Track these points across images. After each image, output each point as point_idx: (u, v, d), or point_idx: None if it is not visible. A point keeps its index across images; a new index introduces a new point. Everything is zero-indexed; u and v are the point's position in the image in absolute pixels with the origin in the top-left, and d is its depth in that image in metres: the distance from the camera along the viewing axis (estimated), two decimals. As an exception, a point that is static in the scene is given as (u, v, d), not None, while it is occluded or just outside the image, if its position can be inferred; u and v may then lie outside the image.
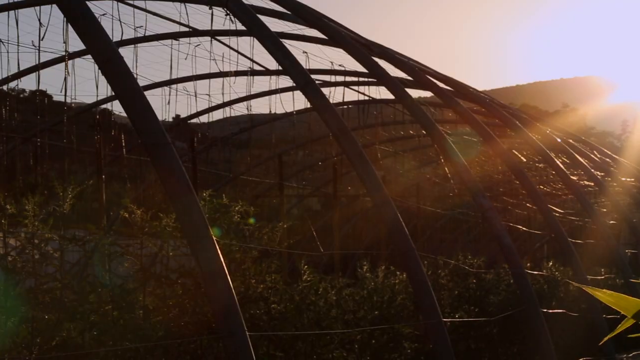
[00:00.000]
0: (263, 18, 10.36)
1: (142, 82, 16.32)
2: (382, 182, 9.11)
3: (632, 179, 24.33)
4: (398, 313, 12.56)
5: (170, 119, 22.50)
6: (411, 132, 24.59)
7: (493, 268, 17.01)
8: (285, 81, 17.39)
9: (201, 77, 17.58)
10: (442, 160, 16.14)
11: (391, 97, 14.93)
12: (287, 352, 10.49)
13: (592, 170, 19.29)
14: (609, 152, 26.46)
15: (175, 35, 15.48)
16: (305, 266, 11.27)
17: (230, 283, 6.29)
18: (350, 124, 17.51)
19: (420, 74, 14.18)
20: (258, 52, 16.49)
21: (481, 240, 34.20)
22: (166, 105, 17.17)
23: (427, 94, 16.90)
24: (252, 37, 12.76)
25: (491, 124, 19.35)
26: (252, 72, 16.54)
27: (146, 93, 6.80)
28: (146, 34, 14.77)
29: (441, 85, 15.03)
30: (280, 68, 9.90)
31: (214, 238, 6.34)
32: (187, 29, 15.12)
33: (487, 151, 24.54)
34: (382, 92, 18.88)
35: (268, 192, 26.76)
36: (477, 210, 20.36)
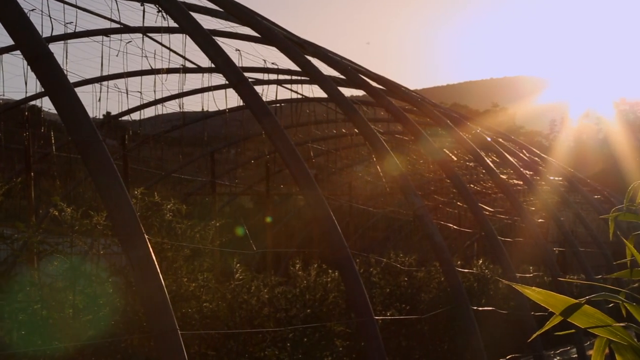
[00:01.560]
0: (196, 15, 10.31)
1: (72, 79, 16.10)
2: (315, 180, 9.13)
3: (560, 178, 24.72)
4: (330, 311, 12.61)
5: (101, 116, 22.25)
6: (344, 130, 24.68)
7: (424, 266, 17.14)
8: (218, 79, 17.33)
9: (133, 74, 17.43)
10: (375, 159, 16.23)
11: (324, 95, 14.96)
12: (219, 350, 10.48)
13: (521, 169, 19.54)
14: (538, 152, 26.83)
15: (106, 32, 15.33)
16: (238, 264, 11.26)
17: (162, 281, 6.25)
18: (283, 122, 17.54)
19: (353, 72, 14.23)
20: (190, 49, 16.42)
21: (413, 238, 34.48)
22: (97, 103, 16.96)
23: (360, 92, 16.96)
24: (184, 35, 12.67)
25: (422, 123, 19.51)
26: (185, 70, 16.43)
27: (77, 90, 6.71)
28: (77, 30, 14.57)
29: (373, 84, 15.10)
30: (212, 66, 9.84)
31: (146, 236, 6.30)
32: (118, 26, 14.99)
33: (419, 150, 24.75)
34: (315, 91, 18.94)
35: (200, 190, 26.65)
36: (408, 208, 20.53)
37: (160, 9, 10.77)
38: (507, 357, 15.97)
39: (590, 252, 22.88)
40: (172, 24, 10.81)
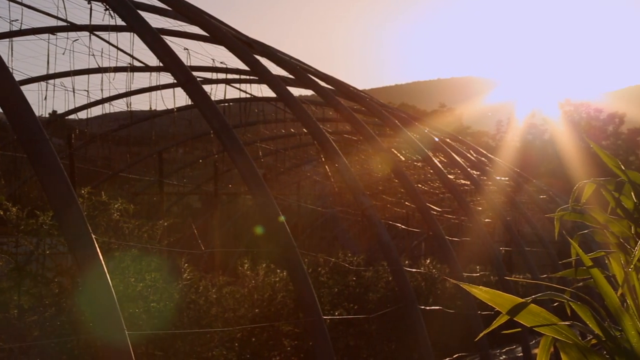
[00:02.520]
0: (144, 14, 10.24)
1: (17, 77, 15.88)
2: (264, 180, 9.12)
3: (507, 178, 24.93)
4: (278, 311, 12.61)
5: (47, 115, 21.99)
6: (292, 130, 24.66)
7: (372, 265, 17.21)
8: (166, 78, 17.21)
9: (80, 73, 17.25)
10: (323, 159, 16.25)
11: (273, 95, 14.95)
12: (167, 351, 10.42)
13: (469, 169, 19.69)
14: (485, 152, 27.06)
15: (52, 30, 15.15)
16: (186, 264, 11.21)
17: (109, 281, 6.20)
18: (231, 122, 17.46)
19: (301, 72, 14.23)
20: (138, 48, 16.29)
21: (361, 237, 34.60)
22: (43, 101, 16.75)
23: (309, 92, 16.99)
24: (132, 33, 12.58)
25: (371, 123, 19.57)
26: (132, 69, 16.30)
27: (22, 88, 6.63)
28: (22, 28, 14.40)
29: (322, 83, 15.11)
30: (161, 64, 9.79)
31: (93, 236, 6.25)
32: (65, 24, 14.82)
33: (367, 150, 24.82)
34: (263, 90, 18.90)
35: (148, 190, 26.47)
36: (357, 208, 20.58)
37: (107, 7, 10.68)
38: (454, 356, 16.09)
39: (536, 252, 23.11)
40: (120, 22, 10.74)
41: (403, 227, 27.29)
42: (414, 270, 17.22)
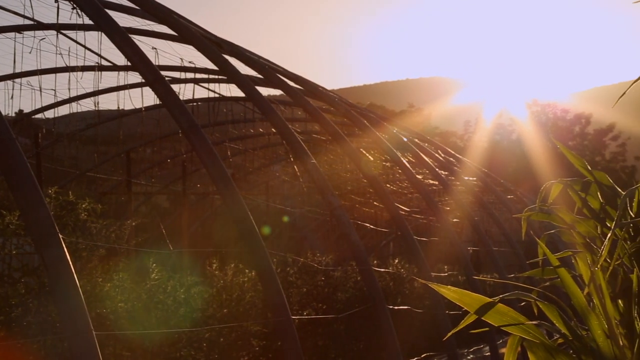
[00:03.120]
0: (112, 13, 10.19)
1: (-16, 76, 15.80)
2: (232, 179, 9.10)
3: (474, 178, 25.04)
4: (247, 311, 12.60)
5: (14, 114, 21.82)
6: (261, 130, 24.65)
7: (341, 265, 17.23)
8: (134, 77, 17.13)
9: (46, 72, 17.13)
10: (292, 159, 16.24)
11: (242, 95, 14.92)
12: (135, 351, 10.38)
13: (437, 169, 19.75)
14: (453, 152, 27.15)
15: (19, 29, 15.03)
16: (154, 264, 11.17)
17: (77, 282, 6.17)
18: (200, 121, 17.40)
19: (270, 72, 14.22)
20: (106, 47, 16.18)
21: (330, 237, 34.60)
22: (9, 100, 16.65)
23: (277, 92, 16.95)
24: (100, 32, 12.51)
25: (340, 123, 19.58)
26: (100, 68, 16.20)
27: (-11, 87, 6.59)
28: (-12, 27, 14.31)
29: (291, 83, 15.11)
30: (129, 64, 9.74)
31: (60, 236, 6.21)
32: (32, 22, 14.71)
33: (336, 150, 24.84)
34: (232, 90, 18.87)
35: (116, 190, 26.33)
36: (326, 208, 20.60)
37: (75, 6, 10.62)
38: (422, 356, 16.14)
39: (503, 252, 23.26)
40: (88, 21, 10.67)
41: (372, 227, 27.38)
42: (382, 270, 17.26)
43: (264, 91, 15.37)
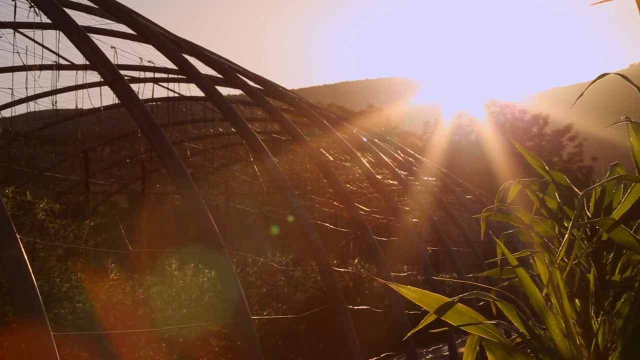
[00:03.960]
0: (70, 11, 10.11)
1: (-61, 74, 15.61)
2: (192, 179, 9.07)
3: (434, 179, 25.15)
4: (206, 311, 12.56)
5: (-30, 113, 21.58)
6: (221, 129, 24.60)
7: (301, 265, 17.24)
8: (93, 76, 17.01)
9: (3, 71, 17.00)
10: (252, 159, 16.21)
11: (201, 94, 14.90)
12: (93, 352, 10.31)
13: (396, 169, 19.80)
14: (412, 152, 27.25)
15: (-25, 27, 14.90)
16: (113, 264, 11.11)
17: (34, 282, 6.12)
18: (159, 121, 17.33)
19: (230, 72, 14.19)
20: (64, 46, 16.08)
21: (290, 237, 34.60)
22: (-35, 99, 16.50)
23: (237, 92, 16.92)
24: (58, 31, 12.42)
25: (300, 123, 19.59)
26: (58, 67, 16.08)
27: (-55, 85, 6.50)
28: (-56, 24, 14.13)
29: (251, 83, 15.08)
30: (87, 63, 9.68)
31: (17, 236, 6.15)
32: (-12, 20, 14.58)
33: (296, 150, 24.84)
34: (192, 90, 18.81)
35: (74, 189, 26.15)
36: (286, 208, 20.60)
37: (32, 4, 10.53)
38: (382, 355, 16.19)
39: (462, 252, 23.38)
40: (46, 19, 10.59)
41: (331, 226, 27.40)
42: (342, 270, 17.28)
43: (224, 91, 15.36)
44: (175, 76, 17.95)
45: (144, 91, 21.85)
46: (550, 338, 4.05)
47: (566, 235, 3.60)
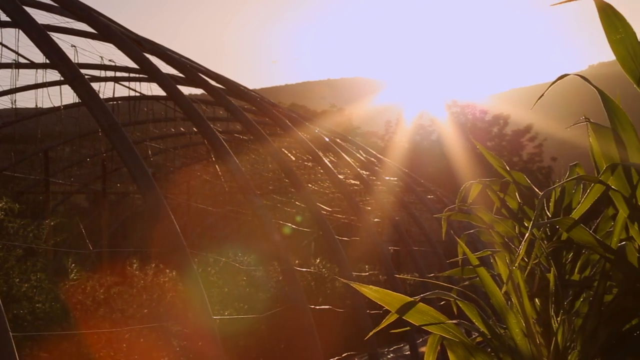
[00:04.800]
0: (29, 10, 10.02)
1: None
2: (153, 179, 9.03)
3: (395, 178, 25.21)
4: (167, 311, 12.51)
5: None
6: (182, 129, 24.50)
7: (263, 265, 17.21)
8: (53, 75, 16.91)
9: (-38, 69, 16.83)
10: (214, 158, 16.17)
11: (163, 93, 14.82)
12: (52, 352, 10.23)
13: (358, 169, 19.83)
14: (374, 152, 27.30)
15: None
16: (73, 264, 11.04)
17: (-7, 283, 6.07)
18: (121, 120, 17.26)
19: (192, 71, 14.14)
20: (24, 44, 15.92)
21: (252, 237, 34.54)
22: None
23: (199, 91, 16.86)
24: (17, 29, 12.33)
25: (262, 123, 19.56)
26: (17, 65, 15.95)
27: None
28: None
29: (213, 83, 15.04)
30: (47, 61, 9.60)
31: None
32: (-54, 18, 14.42)
33: (258, 149, 24.81)
34: (153, 89, 18.72)
35: (33, 189, 25.92)
36: (248, 207, 20.56)
37: (-9, 1, 10.42)
38: (343, 355, 16.21)
39: (423, 251, 23.47)
40: (4, 17, 10.50)
41: (293, 226, 27.38)
42: (304, 269, 17.29)
43: (186, 90, 15.28)
44: (137, 75, 17.87)
45: (104, 90, 21.69)
46: (511, 337, 4.08)
47: (526, 235, 3.62)
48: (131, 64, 13.67)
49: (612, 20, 3.62)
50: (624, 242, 3.69)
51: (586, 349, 3.93)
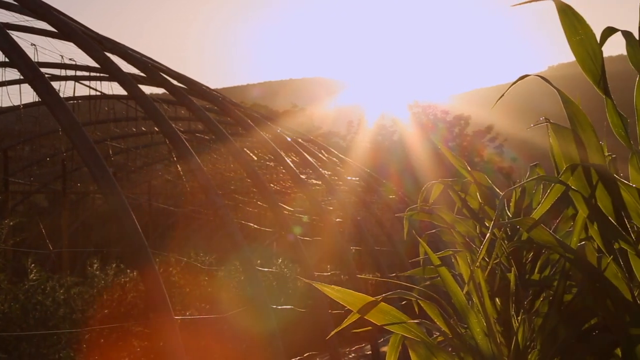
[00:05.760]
0: (-11, 7, 9.94)
1: None
2: (114, 178, 8.97)
3: (357, 178, 25.24)
4: (128, 311, 12.45)
5: None
6: (144, 128, 24.36)
7: (225, 265, 17.18)
8: (12, 74, 16.72)
9: None
10: (175, 158, 16.10)
11: (124, 93, 14.74)
12: (11, 353, 10.15)
13: (320, 169, 19.85)
14: (336, 152, 27.31)
15: None
16: (32, 265, 10.95)
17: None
18: (81, 119, 17.11)
19: (153, 70, 14.07)
20: (-18, 42, 15.71)
21: (214, 237, 34.45)
22: None
23: (161, 90, 16.77)
24: (-24, 27, 12.18)
25: (224, 122, 19.52)
26: (-24, 63, 15.78)
27: None
28: None
29: (174, 82, 14.98)
30: (6, 60, 9.51)
31: None
32: None
33: (220, 149, 24.73)
34: (114, 88, 18.60)
35: (-8, 189, 25.67)
36: (210, 207, 20.50)
37: (-51, -1, 10.32)
38: (305, 355, 16.22)
39: (385, 251, 23.51)
40: (-37, 15, 10.40)
41: (255, 226, 27.33)
42: (266, 269, 17.27)
43: (147, 90, 15.19)
44: (98, 74, 17.75)
45: (65, 89, 21.51)
46: (472, 336, 4.10)
47: (487, 235, 3.64)
48: (92, 63, 13.57)
49: (571, 22, 3.65)
50: (583, 242, 3.73)
51: (546, 348, 3.96)
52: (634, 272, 3.71)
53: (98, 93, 19.06)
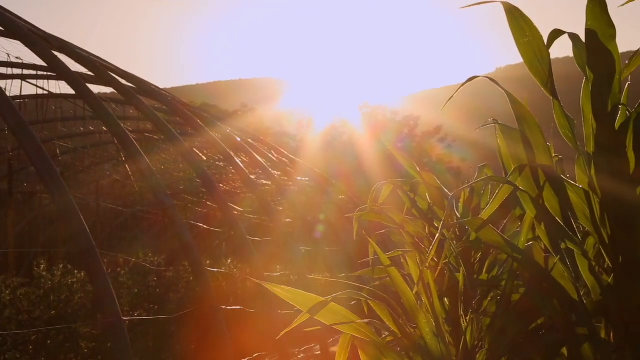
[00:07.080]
0: None
1: None
2: (62, 178, 8.87)
3: (307, 179, 25.24)
4: (76, 312, 12.33)
5: None
6: (91, 128, 24.15)
7: (173, 265, 17.09)
8: (-43, 72, 16.52)
9: None
10: (124, 158, 15.98)
11: (72, 92, 14.59)
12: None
13: (270, 169, 19.81)
14: (286, 152, 27.27)
15: None
16: (-22, 266, 10.80)
17: None
18: (28, 119, 16.89)
19: (102, 69, 13.95)
20: None
21: (162, 237, 34.27)
22: None
23: (109, 90, 16.63)
24: None
25: (173, 122, 19.42)
26: None
27: None
28: None
29: (123, 81, 14.86)
30: (-48, 58, 9.38)
31: None
32: None
33: (169, 149, 24.59)
34: (62, 87, 18.41)
35: (-64, 188, 25.31)
36: (158, 208, 20.38)
37: None
38: (254, 355, 16.18)
39: (335, 251, 23.54)
40: None
41: (205, 226, 27.22)
42: (215, 270, 17.20)
43: (95, 89, 15.04)
44: (45, 73, 17.56)
45: (11, 88, 21.24)
46: (421, 336, 4.12)
47: (437, 236, 3.66)
48: (39, 62, 13.43)
49: (519, 23, 3.69)
50: (531, 242, 3.76)
51: (494, 348, 3.99)
52: (580, 272, 3.76)
53: (45, 92, 18.85)
